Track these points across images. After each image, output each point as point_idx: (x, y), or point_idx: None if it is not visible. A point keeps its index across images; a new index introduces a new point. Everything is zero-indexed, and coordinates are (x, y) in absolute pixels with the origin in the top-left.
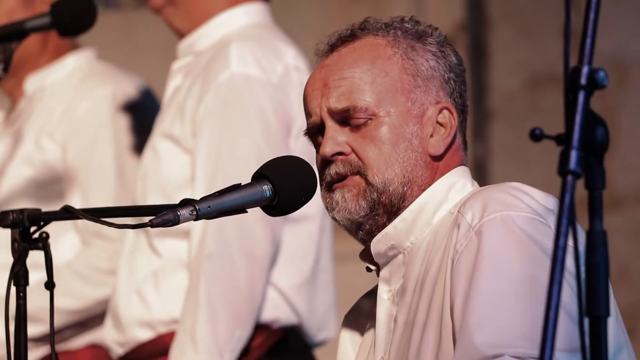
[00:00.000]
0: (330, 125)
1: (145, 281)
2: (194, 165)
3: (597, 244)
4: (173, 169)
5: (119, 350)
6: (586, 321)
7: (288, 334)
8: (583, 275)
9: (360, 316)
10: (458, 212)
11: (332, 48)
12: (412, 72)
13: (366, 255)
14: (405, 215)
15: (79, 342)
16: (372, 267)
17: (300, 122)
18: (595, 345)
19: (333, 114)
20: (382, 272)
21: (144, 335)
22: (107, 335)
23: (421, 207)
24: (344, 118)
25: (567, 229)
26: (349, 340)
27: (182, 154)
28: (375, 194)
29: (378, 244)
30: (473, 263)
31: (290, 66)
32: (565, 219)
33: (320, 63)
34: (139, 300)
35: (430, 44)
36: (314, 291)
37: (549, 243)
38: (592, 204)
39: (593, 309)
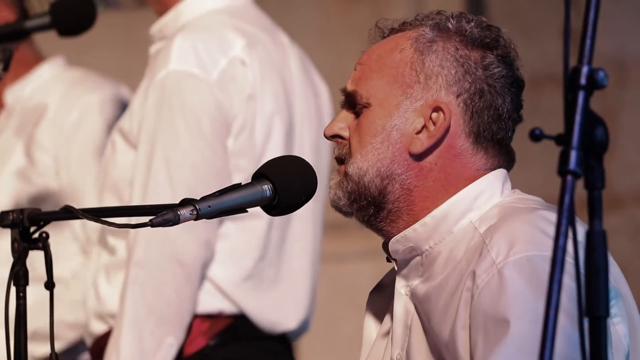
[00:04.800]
0: (344, 107)
1: (100, 274)
2: (134, 166)
3: (597, 244)
4: (123, 164)
5: (88, 342)
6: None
7: (236, 323)
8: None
9: (384, 291)
10: (484, 241)
11: (384, 35)
12: (417, 68)
13: (386, 247)
14: (427, 220)
15: None
16: (392, 260)
17: (241, 119)
18: (595, 346)
19: (346, 94)
20: (400, 269)
21: (99, 328)
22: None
23: (444, 214)
24: (353, 102)
25: (567, 229)
26: (372, 320)
27: (130, 150)
28: (351, 184)
29: (396, 244)
30: (496, 307)
31: (235, 59)
32: (565, 219)
33: None
34: (94, 292)
35: (461, 42)
36: (259, 287)
37: (572, 284)
38: (592, 204)
39: (593, 309)
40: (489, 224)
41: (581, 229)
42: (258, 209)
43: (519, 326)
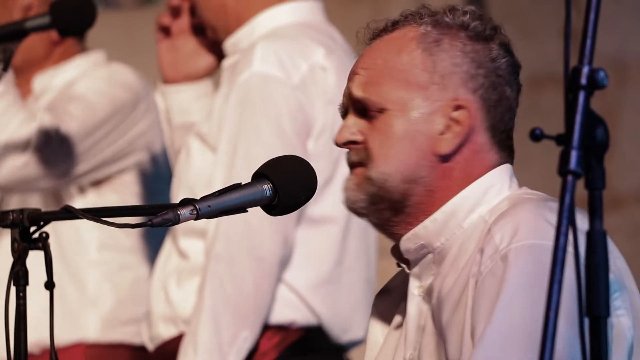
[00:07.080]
0: (350, 112)
1: (170, 278)
2: (214, 164)
3: (597, 244)
4: (199, 166)
5: (150, 346)
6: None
7: (308, 334)
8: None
9: (390, 295)
10: (489, 229)
11: (375, 36)
12: (430, 69)
13: (396, 251)
14: (437, 215)
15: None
16: (402, 265)
17: (321, 122)
18: (595, 346)
19: (354, 101)
20: (413, 269)
21: (168, 332)
22: (142, 331)
23: (454, 210)
24: (362, 107)
25: (567, 229)
26: (377, 324)
27: (208, 152)
28: (373, 187)
29: (407, 242)
30: (495, 293)
31: (316, 65)
32: (565, 219)
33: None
34: (164, 296)
35: (466, 37)
36: (335, 293)
37: (572, 276)
38: (592, 204)
39: (593, 310)
40: (498, 214)
41: (581, 217)
42: (332, 213)
43: (509, 311)
